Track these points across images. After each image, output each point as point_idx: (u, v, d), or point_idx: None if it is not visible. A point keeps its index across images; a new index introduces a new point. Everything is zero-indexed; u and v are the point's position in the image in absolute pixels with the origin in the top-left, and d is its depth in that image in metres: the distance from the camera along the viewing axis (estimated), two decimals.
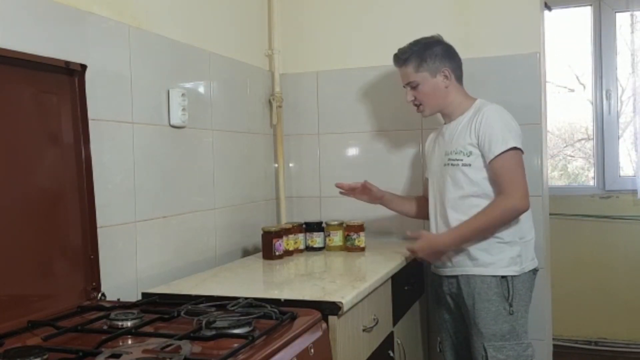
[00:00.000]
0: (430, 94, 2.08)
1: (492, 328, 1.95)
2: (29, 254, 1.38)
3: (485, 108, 2.01)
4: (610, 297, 3.65)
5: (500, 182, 1.94)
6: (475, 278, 1.98)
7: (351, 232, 2.29)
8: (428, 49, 2.08)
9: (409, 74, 2.08)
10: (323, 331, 1.41)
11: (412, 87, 2.09)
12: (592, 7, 3.69)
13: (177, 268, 1.97)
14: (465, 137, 2.00)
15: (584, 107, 3.91)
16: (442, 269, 2.09)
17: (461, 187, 2.00)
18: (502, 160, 1.93)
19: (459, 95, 2.10)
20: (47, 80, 1.45)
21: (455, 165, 2.01)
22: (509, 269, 1.97)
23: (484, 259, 1.97)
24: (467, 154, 1.99)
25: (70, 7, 1.58)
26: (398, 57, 2.12)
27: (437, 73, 2.07)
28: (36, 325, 1.31)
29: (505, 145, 1.92)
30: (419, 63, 2.06)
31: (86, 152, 1.53)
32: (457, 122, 2.07)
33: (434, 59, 2.07)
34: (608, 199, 3.66)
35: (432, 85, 2.07)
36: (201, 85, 2.18)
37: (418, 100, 2.10)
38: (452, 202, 2.02)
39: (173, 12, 2.04)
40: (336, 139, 2.69)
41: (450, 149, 2.05)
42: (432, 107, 2.11)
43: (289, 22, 2.74)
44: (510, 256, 1.97)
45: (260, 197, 2.58)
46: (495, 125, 1.95)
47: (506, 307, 1.95)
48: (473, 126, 1.99)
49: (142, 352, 1.10)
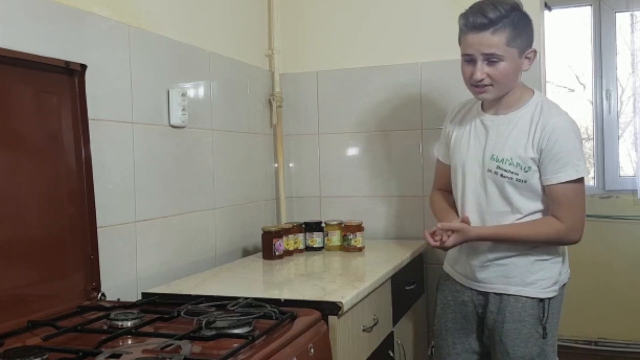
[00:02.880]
0: (511, 76, 1.70)
1: (522, 350, 1.74)
2: (29, 254, 1.38)
3: (553, 118, 1.69)
4: (610, 297, 3.64)
5: (561, 207, 1.70)
6: (509, 297, 1.76)
7: (349, 232, 2.29)
8: (523, 19, 1.69)
9: (496, 44, 1.65)
10: (323, 331, 1.41)
11: (491, 61, 1.68)
12: (592, 7, 3.69)
13: (177, 268, 1.97)
14: (524, 147, 1.71)
15: (584, 107, 3.91)
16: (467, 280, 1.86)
17: (510, 203, 1.74)
18: (566, 189, 1.68)
19: (521, 85, 1.78)
20: (47, 80, 1.45)
21: (506, 178, 1.73)
22: (549, 291, 1.75)
23: (523, 278, 1.75)
24: (525, 169, 1.70)
25: (70, 7, 1.58)
26: (484, 16, 1.64)
27: (524, 52, 1.71)
28: (36, 325, 1.31)
29: (576, 174, 1.68)
30: (514, 35, 1.66)
31: (86, 152, 1.53)
32: (511, 119, 1.75)
33: (527, 34, 1.70)
34: (608, 199, 3.66)
35: (515, 66, 1.70)
36: (201, 85, 2.18)
37: (491, 80, 1.70)
38: (494, 216, 1.77)
39: (173, 12, 2.04)
40: (336, 139, 2.69)
41: (501, 155, 1.74)
42: (501, 92, 1.73)
43: (289, 22, 2.74)
44: (551, 276, 1.75)
45: (260, 197, 2.58)
46: (566, 146, 1.67)
47: (539, 329, 1.74)
48: (536, 136, 1.69)
49: (142, 352, 1.10)
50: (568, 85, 3.99)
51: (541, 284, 1.75)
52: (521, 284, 1.75)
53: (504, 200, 1.75)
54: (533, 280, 1.75)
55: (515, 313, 1.75)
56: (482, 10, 1.66)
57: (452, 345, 1.93)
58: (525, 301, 1.75)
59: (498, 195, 1.75)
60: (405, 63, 2.56)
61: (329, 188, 2.69)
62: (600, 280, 3.67)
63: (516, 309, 1.75)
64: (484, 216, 1.79)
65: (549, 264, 1.76)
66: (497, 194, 1.75)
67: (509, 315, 1.75)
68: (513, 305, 1.75)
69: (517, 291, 1.75)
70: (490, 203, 1.77)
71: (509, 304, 1.76)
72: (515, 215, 1.75)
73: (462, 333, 1.91)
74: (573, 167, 1.68)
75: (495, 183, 1.75)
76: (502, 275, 1.77)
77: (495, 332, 1.79)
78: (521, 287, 1.75)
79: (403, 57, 2.56)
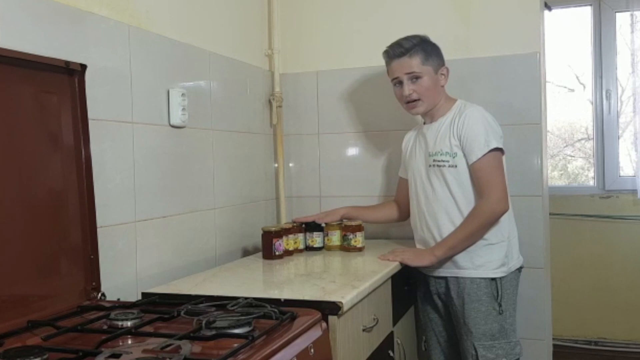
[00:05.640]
0: (432, 90, 2.05)
1: (482, 328, 1.97)
2: (29, 254, 1.38)
3: (467, 109, 2.01)
4: (610, 297, 3.65)
5: (480, 184, 1.96)
6: (464, 279, 2.01)
7: (348, 232, 2.29)
8: (430, 45, 2.07)
9: (413, 65, 2.03)
10: (323, 331, 1.41)
11: (413, 79, 2.04)
12: (592, 7, 3.69)
13: (177, 268, 1.97)
14: (449, 138, 2.00)
15: (584, 107, 3.91)
16: (431, 270, 2.09)
17: (449, 189, 2.01)
18: (481, 163, 1.94)
19: (444, 96, 2.11)
20: (47, 80, 1.45)
21: (442, 167, 2.01)
22: (498, 271, 1.99)
23: (473, 262, 1.99)
24: (452, 155, 1.99)
25: (70, 7, 1.58)
26: (400, 47, 2.05)
27: (438, 70, 2.07)
28: (36, 325, 1.31)
29: (487, 147, 1.94)
30: (426, 56, 2.03)
31: (86, 152, 1.53)
32: (439, 123, 2.07)
33: (437, 56, 2.07)
34: (608, 199, 3.66)
35: (433, 81, 2.05)
36: (201, 85, 2.18)
37: (417, 95, 2.05)
38: (441, 203, 2.03)
39: (173, 12, 2.04)
40: (336, 139, 2.69)
41: (434, 150, 2.05)
42: (428, 104, 2.07)
43: (289, 22, 2.74)
44: (498, 257, 1.99)
45: (260, 197, 2.58)
46: (477, 127, 1.96)
47: (496, 307, 1.98)
48: (455, 127, 2.00)
49: (142, 352, 1.10)
50: (568, 85, 3.99)
51: (489, 266, 1.99)
52: (472, 267, 2.00)
53: (447, 190, 2.01)
54: (482, 263, 1.99)
55: (472, 294, 2.00)
56: (398, 43, 2.06)
57: (439, 333, 2.20)
58: (479, 282, 1.99)
59: (439, 184, 2.03)
60: None
61: (329, 188, 2.69)
62: (600, 280, 3.67)
63: (472, 289, 2.00)
64: (432, 205, 2.05)
65: (496, 247, 2.00)
66: (440, 185, 2.03)
67: (467, 296, 2.00)
68: (469, 287, 2.00)
69: (470, 274, 2.00)
70: (435, 192, 2.04)
71: (466, 286, 2.00)
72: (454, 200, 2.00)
73: (445, 321, 2.16)
74: (484, 143, 1.94)
75: (436, 175, 2.04)
76: (455, 261, 2.02)
77: (458, 315, 2.03)
78: (473, 270, 2.00)
79: None
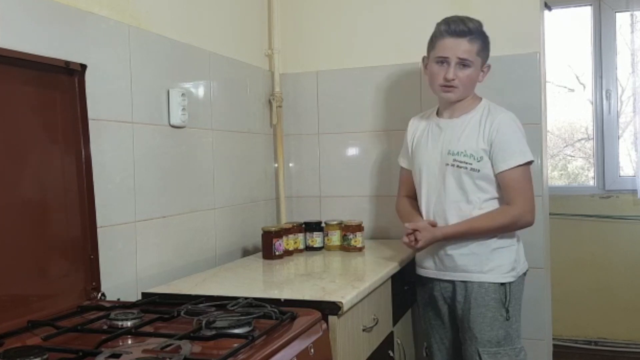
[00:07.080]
0: (473, 82, 1.96)
1: (488, 334, 1.92)
2: (29, 254, 1.38)
3: (499, 115, 1.93)
4: (610, 297, 3.65)
5: (511, 192, 1.90)
6: (472, 283, 1.95)
7: (348, 232, 2.29)
8: (488, 39, 1.97)
9: (470, 50, 1.90)
10: (323, 331, 1.41)
11: (462, 65, 1.92)
12: (592, 7, 3.69)
13: (177, 268, 1.97)
14: (476, 140, 1.92)
15: (584, 107, 3.91)
16: (435, 272, 2.03)
17: (466, 192, 1.93)
18: (516, 173, 1.89)
19: (473, 93, 2.02)
20: (47, 80, 1.45)
21: (462, 168, 1.93)
22: (507, 275, 1.94)
23: (483, 266, 1.93)
24: (477, 159, 1.91)
25: (70, 7, 1.58)
26: (464, 25, 1.91)
27: (483, 66, 1.98)
28: (36, 325, 1.31)
29: (523, 158, 1.89)
30: (482, 46, 1.94)
31: (86, 152, 1.53)
32: (463, 121, 1.97)
33: (488, 50, 1.98)
34: (608, 199, 3.66)
35: (477, 75, 1.96)
36: (201, 85, 2.18)
37: (459, 82, 1.92)
38: (454, 205, 1.95)
39: (173, 12, 2.04)
40: (336, 139, 2.69)
41: (456, 149, 1.94)
42: (461, 95, 1.96)
43: (289, 22, 2.74)
44: (509, 262, 1.95)
45: (260, 197, 2.58)
46: (512, 136, 1.91)
47: (503, 313, 1.92)
48: (486, 131, 1.92)
49: (142, 352, 1.10)
50: (568, 85, 3.99)
51: (500, 270, 1.94)
52: (482, 270, 1.94)
53: (460, 190, 1.94)
54: (492, 267, 1.94)
55: (479, 298, 1.93)
56: (462, 20, 1.92)
57: (440, 341, 2.12)
58: (488, 286, 1.93)
59: (454, 186, 1.94)
60: (405, 63, 2.56)
61: (329, 188, 2.69)
62: (600, 280, 3.67)
63: (480, 294, 1.93)
64: (444, 206, 1.97)
65: (506, 251, 1.95)
66: (454, 185, 1.94)
67: (474, 301, 1.94)
68: (477, 291, 1.94)
69: (479, 277, 1.94)
70: (448, 194, 1.95)
71: (474, 290, 1.94)
72: (469, 205, 1.93)
73: (448, 326, 2.09)
74: (520, 153, 1.90)
75: (453, 175, 1.94)
76: (464, 264, 1.95)
77: (464, 319, 1.97)
78: (482, 274, 1.94)
79: (403, 57, 2.56)
